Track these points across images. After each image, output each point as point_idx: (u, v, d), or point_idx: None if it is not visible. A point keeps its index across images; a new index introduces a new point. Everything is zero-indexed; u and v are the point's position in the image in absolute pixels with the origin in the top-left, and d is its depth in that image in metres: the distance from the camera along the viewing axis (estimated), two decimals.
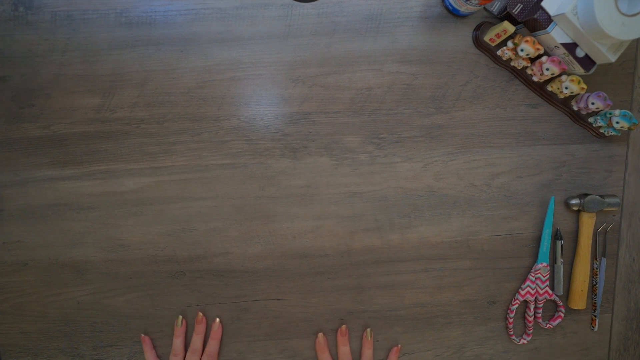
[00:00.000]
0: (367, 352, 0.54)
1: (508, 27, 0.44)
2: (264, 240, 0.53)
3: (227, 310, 0.55)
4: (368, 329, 0.54)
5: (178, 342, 0.53)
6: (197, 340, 0.53)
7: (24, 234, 0.52)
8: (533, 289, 0.55)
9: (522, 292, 0.55)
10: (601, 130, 0.52)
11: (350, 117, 0.51)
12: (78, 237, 0.52)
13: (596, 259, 0.56)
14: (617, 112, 0.48)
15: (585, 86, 0.47)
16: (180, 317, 0.53)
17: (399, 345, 0.55)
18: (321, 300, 0.55)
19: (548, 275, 0.55)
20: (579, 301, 0.55)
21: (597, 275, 0.56)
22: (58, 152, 0.50)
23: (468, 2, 0.44)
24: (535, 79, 0.50)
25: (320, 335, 0.54)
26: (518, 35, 0.46)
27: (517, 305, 0.55)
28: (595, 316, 0.56)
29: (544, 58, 0.46)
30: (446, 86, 0.51)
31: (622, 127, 0.48)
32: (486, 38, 0.49)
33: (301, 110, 0.51)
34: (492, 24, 0.49)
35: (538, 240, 0.55)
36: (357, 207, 0.53)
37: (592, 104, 0.48)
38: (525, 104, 0.52)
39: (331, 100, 0.51)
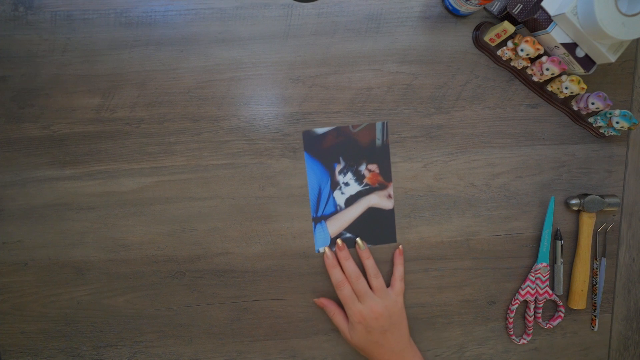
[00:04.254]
0: (367, 262, 0.51)
1: (508, 27, 0.44)
2: (264, 240, 0.53)
3: (227, 310, 0.55)
4: (358, 239, 0.52)
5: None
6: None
7: (24, 234, 0.52)
8: (533, 289, 0.55)
9: (522, 292, 0.55)
10: (601, 130, 0.52)
11: (350, 117, 0.51)
12: (78, 237, 0.52)
13: (596, 259, 0.56)
14: (617, 112, 0.48)
15: (585, 86, 0.47)
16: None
17: (400, 246, 0.53)
18: None
19: (548, 275, 0.55)
20: (579, 301, 0.55)
21: (597, 275, 0.56)
22: (58, 152, 0.50)
23: (468, 2, 0.44)
24: (535, 79, 0.50)
25: (328, 249, 0.52)
26: (518, 35, 0.46)
27: (517, 305, 0.55)
28: (595, 316, 0.57)
29: (544, 58, 0.46)
30: (446, 86, 0.51)
31: (622, 127, 0.48)
32: (486, 38, 0.49)
33: (301, 110, 0.51)
34: (492, 24, 0.49)
35: (538, 240, 0.55)
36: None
37: (592, 104, 0.48)
38: (525, 104, 0.52)
39: (331, 100, 0.51)
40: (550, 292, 0.55)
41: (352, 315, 0.50)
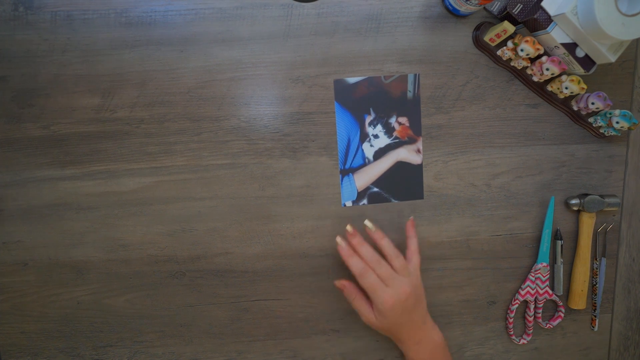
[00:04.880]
0: (384, 243, 0.48)
1: (508, 27, 0.44)
2: (264, 240, 0.53)
3: (227, 310, 0.55)
4: (366, 222, 0.48)
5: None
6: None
7: (24, 234, 0.52)
8: (533, 289, 0.55)
9: (522, 292, 0.55)
10: (601, 130, 0.52)
11: None
12: (78, 237, 0.52)
13: (596, 259, 0.56)
14: (617, 112, 0.48)
15: (585, 86, 0.47)
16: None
17: (412, 218, 0.50)
18: (321, 300, 0.55)
19: (548, 275, 0.55)
20: (579, 301, 0.55)
21: (597, 275, 0.56)
22: (58, 152, 0.50)
23: (468, 2, 0.44)
24: (535, 79, 0.50)
25: (340, 239, 0.48)
26: (518, 35, 0.46)
27: (517, 305, 0.55)
28: (595, 316, 0.57)
29: (544, 58, 0.46)
30: (446, 86, 0.51)
31: (622, 127, 0.48)
32: (486, 38, 0.49)
33: (301, 110, 0.51)
34: (492, 24, 0.49)
35: (538, 240, 0.55)
36: (357, 207, 0.53)
37: (592, 104, 0.48)
38: (525, 104, 0.52)
39: (331, 100, 0.51)
40: (550, 292, 0.55)
41: (383, 303, 0.46)
